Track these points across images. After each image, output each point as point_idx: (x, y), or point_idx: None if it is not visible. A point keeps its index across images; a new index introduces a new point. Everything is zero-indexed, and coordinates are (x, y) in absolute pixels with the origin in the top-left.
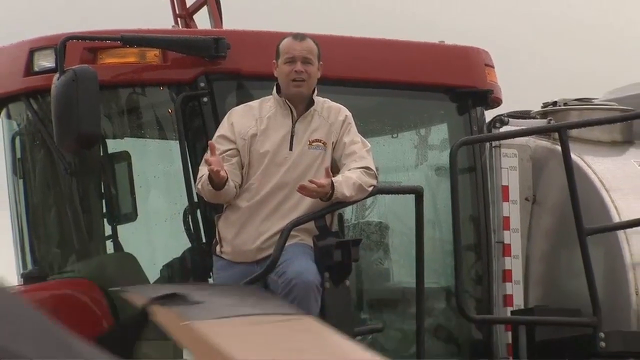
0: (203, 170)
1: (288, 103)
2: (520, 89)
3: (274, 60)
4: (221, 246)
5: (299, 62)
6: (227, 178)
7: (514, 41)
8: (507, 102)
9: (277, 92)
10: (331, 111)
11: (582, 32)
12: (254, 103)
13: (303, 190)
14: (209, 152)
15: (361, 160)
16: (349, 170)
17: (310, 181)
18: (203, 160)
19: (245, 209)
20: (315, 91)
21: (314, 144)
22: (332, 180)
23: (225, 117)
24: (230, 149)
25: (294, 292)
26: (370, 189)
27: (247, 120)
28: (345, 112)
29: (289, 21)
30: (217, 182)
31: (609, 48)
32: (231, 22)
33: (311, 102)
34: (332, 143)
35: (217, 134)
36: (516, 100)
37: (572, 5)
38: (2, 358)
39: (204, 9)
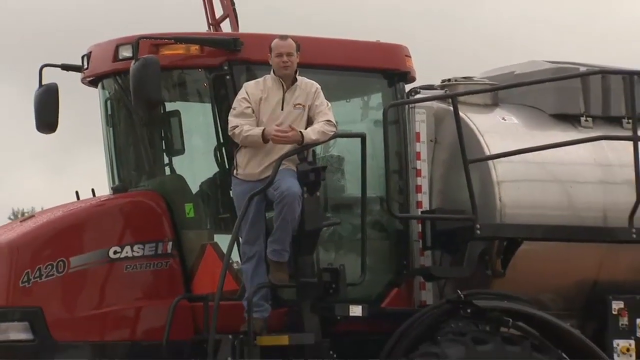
0: (238, 122)
1: (281, 80)
2: (427, 70)
3: (269, 54)
4: (237, 170)
5: (285, 55)
6: None
7: (424, 38)
8: (419, 79)
9: (273, 73)
10: (307, 85)
11: (468, 32)
12: (260, 79)
13: (275, 139)
14: (235, 110)
15: (324, 116)
16: (317, 123)
17: (277, 129)
18: (238, 114)
19: (254, 147)
20: (297, 72)
21: (297, 106)
22: (301, 132)
23: (242, 88)
24: (249, 107)
25: (285, 199)
26: (331, 133)
27: (256, 91)
28: (316, 85)
29: (284, 26)
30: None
31: (484, 41)
32: (244, 27)
33: (295, 80)
34: (308, 106)
35: (239, 97)
36: (424, 77)
37: (469, 10)
38: None
39: (227, 20)
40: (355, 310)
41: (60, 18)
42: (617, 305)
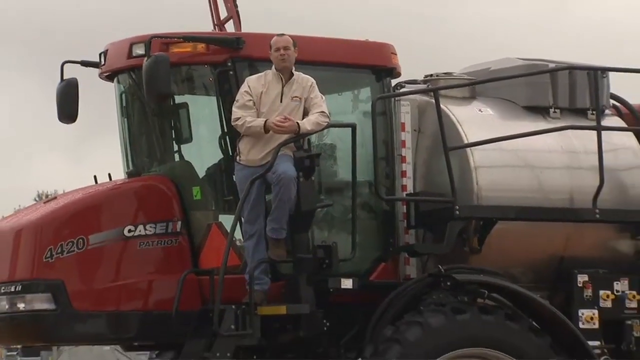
0: (241, 114)
1: (280, 74)
2: (411, 67)
3: (270, 51)
4: (239, 156)
5: (282, 49)
6: None
7: (410, 38)
8: (404, 74)
9: (274, 69)
10: (303, 79)
11: (448, 32)
12: (261, 74)
13: (274, 130)
14: (239, 102)
15: (319, 107)
16: (312, 114)
17: (277, 120)
18: (240, 106)
19: (256, 136)
20: (294, 68)
21: (294, 99)
22: (297, 122)
23: (245, 82)
24: (250, 99)
25: (281, 182)
26: (324, 124)
27: (257, 85)
28: (311, 79)
29: (283, 26)
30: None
31: (463, 40)
32: (246, 27)
33: (292, 74)
34: (304, 98)
35: (242, 90)
36: (409, 73)
37: (450, 12)
38: None
39: (231, 21)
40: (347, 283)
41: (76, 19)
42: (582, 279)
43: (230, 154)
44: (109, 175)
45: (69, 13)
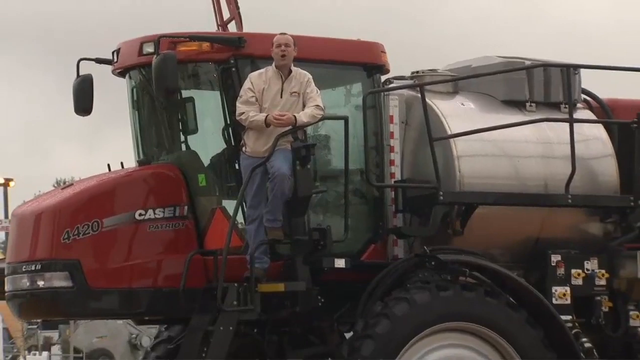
0: (244, 109)
1: (279, 71)
2: (399, 63)
3: (271, 48)
4: (245, 148)
5: (283, 45)
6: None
7: (399, 38)
8: (392, 70)
9: (274, 66)
10: (301, 75)
11: (434, 32)
12: (262, 70)
13: (274, 123)
14: (242, 98)
15: (314, 101)
16: (308, 107)
17: (276, 114)
18: (244, 102)
19: (259, 129)
20: (292, 65)
21: (293, 94)
22: (294, 115)
23: (247, 78)
24: (253, 96)
25: (275, 179)
26: (319, 116)
27: (259, 81)
28: (308, 75)
29: (282, 27)
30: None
31: (447, 39)
32: (248, 27)
33: (291, 71)
34: (302, 93)
35: (245, 86)
36: (397, 69)
37: (436, 13)
38: None
39: (233, 22)
40: (340, 263)
41: (91, 20)
42: (555, 258)
43: (233, 144)
44: (121, 163)
45: (80, 14)
